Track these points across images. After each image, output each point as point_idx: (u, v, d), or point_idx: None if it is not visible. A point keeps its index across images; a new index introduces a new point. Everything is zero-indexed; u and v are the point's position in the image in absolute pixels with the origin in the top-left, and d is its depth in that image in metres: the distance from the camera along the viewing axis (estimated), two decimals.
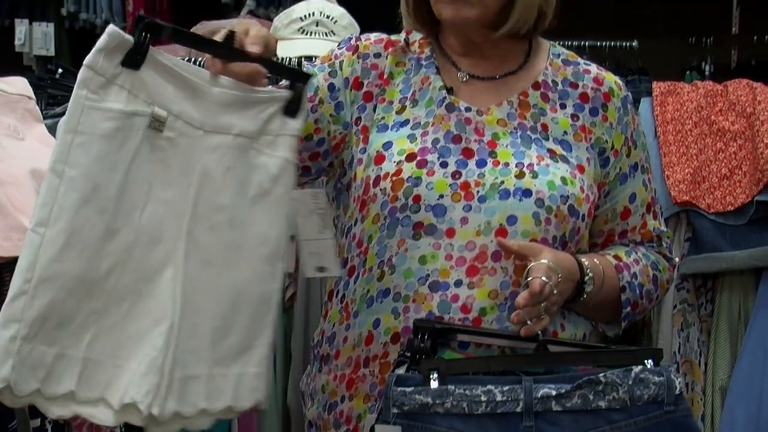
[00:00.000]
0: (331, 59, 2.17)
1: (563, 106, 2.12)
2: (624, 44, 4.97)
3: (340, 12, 3.58)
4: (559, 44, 2.25)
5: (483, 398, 1.86)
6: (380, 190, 2.03)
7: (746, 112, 3.10)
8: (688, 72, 5.24)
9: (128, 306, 1.78)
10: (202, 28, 3.67)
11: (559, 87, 2.14)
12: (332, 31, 3.53)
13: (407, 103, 2.10)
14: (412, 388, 1.87)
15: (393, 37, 2.18)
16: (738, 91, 3.17)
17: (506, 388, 1.87)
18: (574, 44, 4.62)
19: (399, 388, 1.87)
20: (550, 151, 2.06)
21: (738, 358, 2.95)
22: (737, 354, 2.96)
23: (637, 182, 2.18)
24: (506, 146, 2.05)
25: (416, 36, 2.18)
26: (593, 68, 2.19)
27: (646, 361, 1.93)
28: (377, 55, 2.15)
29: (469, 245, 1.99)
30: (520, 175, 2.01)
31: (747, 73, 4.54)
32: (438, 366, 1.88)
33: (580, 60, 2.20)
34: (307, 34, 3.54)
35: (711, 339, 3.03)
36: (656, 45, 5.62)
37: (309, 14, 3.56)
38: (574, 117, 2.12)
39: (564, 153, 2.08)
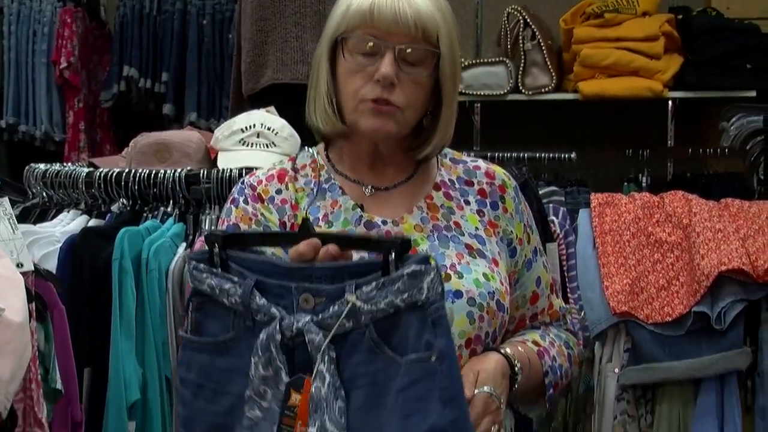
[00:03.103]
0: (252, 220, 2.13)
1: (467, 203, 2.15)
2: (563, 156, 5.03)
3: (280, 123, 3.59)
4: (498, 155, 2.28)
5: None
6: None
7: (682, 223, 3.14)
8: (625, 183, 5.30)
9: None
10: (143, 140, 3.67)
11: (457, 185, 2.17)
12: (273, 143, 3.54)
13: (321, 224, 2.09)
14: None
15: (279, 168, 2.18)
16: (674, 202, 3.21)
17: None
18: (513, 155, 4.67)
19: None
20: (467, 246, 2.08)
21: None
22: None
23: (539, 266, 2.22)
24: (425, 251, 2.05)
25: (303, 161, 2.19)
26: (481, 163, 2.22)
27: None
28: (279, 191, 2.14)
29: None
30: (447, 278, 2.01)
31: (682, 185, 4.61)
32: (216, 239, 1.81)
33: (465, 157, 2.23)
34: (248, 145, 3.55)
35: None
36: (594, 157, 5.69)
37: (250, 126, 3.57)
38: (480, 213, 2.15)
39: (480, 247, 2.10)
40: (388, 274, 1.72)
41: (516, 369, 2.04)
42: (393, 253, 1.72)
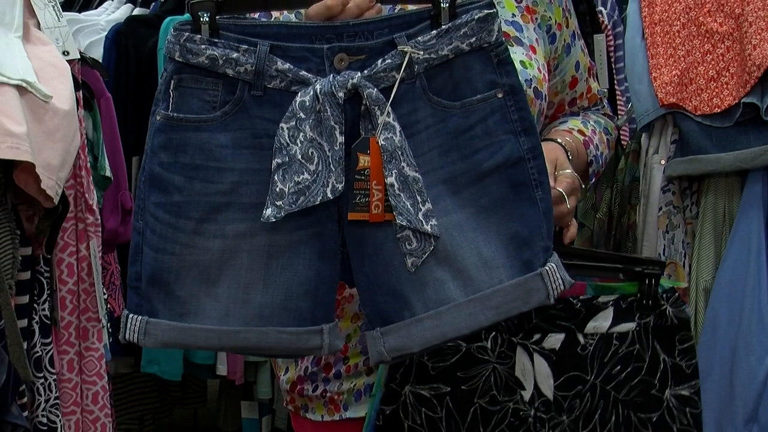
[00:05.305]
0: None
1: None
2: None
3: None
4: None
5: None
6: None
7: (734, 13, 3.08)
8: None
9: None
10: None
11: None
12: None
13: None
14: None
15: None
16: None
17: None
18: None
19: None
20: (504, 34, 2.03)
21: (722, 259, 2.96)
22: (721, 255, 2.97)
23: (578, 50, 2.21)
24: None
25: None
26: None
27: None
28: None
29: None
30: None
31: None
32: (206, 6, 1.69)
33: None
34: None
35: (696, 240, 3.04)
36: None
37: None
38: None
39: (517, 35, 2.07)
40: (438, 23, 1.69)
41: (569, 156, 2.05)
42: (446, 1, 1.69)
